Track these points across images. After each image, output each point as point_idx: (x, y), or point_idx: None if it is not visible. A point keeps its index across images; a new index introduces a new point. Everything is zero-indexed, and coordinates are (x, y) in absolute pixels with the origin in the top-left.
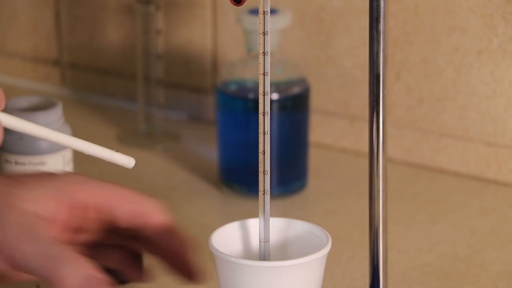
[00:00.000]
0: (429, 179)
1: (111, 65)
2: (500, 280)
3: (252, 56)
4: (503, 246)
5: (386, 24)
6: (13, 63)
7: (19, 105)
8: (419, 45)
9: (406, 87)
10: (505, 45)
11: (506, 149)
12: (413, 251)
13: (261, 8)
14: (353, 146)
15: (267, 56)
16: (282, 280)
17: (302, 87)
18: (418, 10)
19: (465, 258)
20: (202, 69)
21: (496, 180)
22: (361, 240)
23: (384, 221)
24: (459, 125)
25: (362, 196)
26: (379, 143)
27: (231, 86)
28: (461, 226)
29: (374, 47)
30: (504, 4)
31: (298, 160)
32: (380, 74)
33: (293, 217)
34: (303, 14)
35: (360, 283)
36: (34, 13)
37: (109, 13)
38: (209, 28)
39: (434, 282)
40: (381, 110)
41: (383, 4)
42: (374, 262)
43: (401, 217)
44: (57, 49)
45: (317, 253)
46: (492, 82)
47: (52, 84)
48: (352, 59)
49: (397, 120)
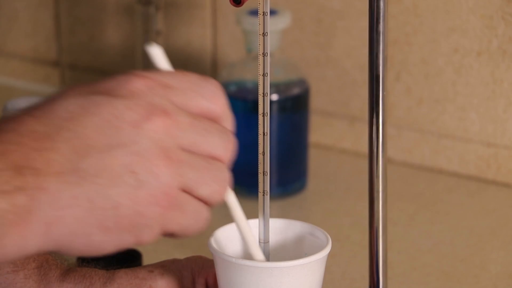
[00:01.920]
0: (429, 179)
1: (111, 66)
2: (500, 280)
3: (252, 57)
4: (503, 247)
5: (386, 25)
6: (13, 64)
7: (19, 106)
8: (418, 46)
9: (405, 88)
10: (505, 46)
11: (505, 150)
12: (413, 252)
13: (260, 9)
14: (352, 146)
15: (267, 57)
16: (282, 281)
17: (301, 88)
18: (418, 10)
19: (465, 259)
20: (201, 70)
21: (496, 181)
22: (361, 241)
23: (384, 221)
24: (458, 125)
25: (362, 197)
26: (378, 143)
27: (231, 87)
28: (461, 227)
29: (373, 48)
30: (504, 5)
31: (297, 160)
32: (380, 74)
33: (293, 217)
34: (302, 15)
35: (360, 283)
36: (34, 14)
37: (109, 14)
38: (209, 29)
39: (434, 282)
40: (381, 110)
41: (382, 5)
42: (374, 262)
43: (401, 217)
44: (56, 50)
45: (317, 254)
46: (491, 83)
47: (52, 85)
48: (351, 60)
49: (396, 120)
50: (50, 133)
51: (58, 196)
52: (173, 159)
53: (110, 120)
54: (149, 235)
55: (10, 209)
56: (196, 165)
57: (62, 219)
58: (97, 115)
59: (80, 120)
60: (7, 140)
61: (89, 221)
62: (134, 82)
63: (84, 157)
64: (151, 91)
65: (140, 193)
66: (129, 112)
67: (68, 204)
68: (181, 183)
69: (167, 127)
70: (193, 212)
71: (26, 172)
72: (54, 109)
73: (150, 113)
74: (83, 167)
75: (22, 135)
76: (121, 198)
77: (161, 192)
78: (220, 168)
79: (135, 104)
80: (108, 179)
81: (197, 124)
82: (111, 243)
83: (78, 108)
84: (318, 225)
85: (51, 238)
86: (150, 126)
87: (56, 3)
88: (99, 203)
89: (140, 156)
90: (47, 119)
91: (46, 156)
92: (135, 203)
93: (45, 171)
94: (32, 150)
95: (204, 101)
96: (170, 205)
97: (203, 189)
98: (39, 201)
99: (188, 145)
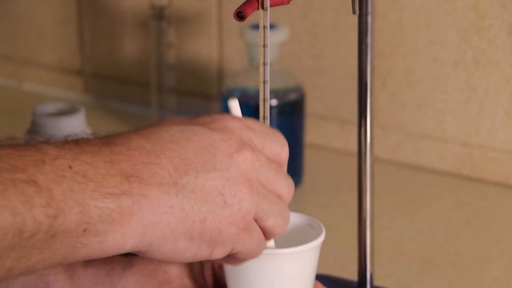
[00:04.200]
0: (411, 176)
1: (128, 75)
2: (473, 265)
3: (254, 67)
4: (476, 236)
5: (373, 38)
6: (41, 73)
7: (46, 111)
8: (402, 57)
9: (390, 94)
10: (479, 57)
11: (479, 149)
12: (396, 240)
13: (261, 23)
14: (343, 146)
15: (267, 66)
16: (283, 266)
17: (298, 94)
18: (401, 25)
19: (443, 246)
20: (209, 78)
21: (470, 177)
22: (351, 230)
23: (371, 213)
24: (437, 127)
25: (351, 191)
26: (366, 143)
27: (235, 93)
28: (439, 218)
29: (362, 58)
30: (478, 20)
31: (294, 159)
32: (367, 82)
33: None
34: (299, 29)
35: (350, 268)
36: (59, 29)
37: (127, 29)
38: (215, 41)
39: (415, 267)
40: (369, 114)
41: (370, 20)
42: (362, 249)
43: (386, 209)
44: (80, 61)
45: (313, 242)
46: (467, 90)
47: (76, 91)
48: (342, 69)
49: (382, 123)
50: (156, 150)
51: (157, 204)
52: (254, 189)
53: (207, 147)
54: (221, 251)
55: (116, 209)
56: (269, 199)
57: (158, 224)
58: (196, 142)
59: (182, 144)
60: (118, 152)
61: (179, 229)
62: (227, 120)
63: (183, 174)
64: (240, 130)
65: (224, 213)
66: (224, 143)
67: (165, 212)
68: (256, 212)
69: (252, 161)
70: (257, 239)
71: (133, 179)
72: (159, 132)
73: (240, 146)
74: (181, 182)
75: (131, 149)
76: (208, 214)
77: (240, 216)
78: (284, 206)
79: (228, 137)
80: (200, 196)
81: (271, 164)
82: (191, 252)
83: (180, 134)
84: (313, 216)
85: (145, 239)
86: (240, 157)
87: (79, 19)
88: (190, 215)
89: (229, 181)
90: (154, 139)
91: (151, 168)
92: (218, 221)
93: (149, 181)
94: (139, 162)
95: (276, 147)
96: (244, 228)
97: (270, 221)
98: (141, 206)
99: (264, 180)
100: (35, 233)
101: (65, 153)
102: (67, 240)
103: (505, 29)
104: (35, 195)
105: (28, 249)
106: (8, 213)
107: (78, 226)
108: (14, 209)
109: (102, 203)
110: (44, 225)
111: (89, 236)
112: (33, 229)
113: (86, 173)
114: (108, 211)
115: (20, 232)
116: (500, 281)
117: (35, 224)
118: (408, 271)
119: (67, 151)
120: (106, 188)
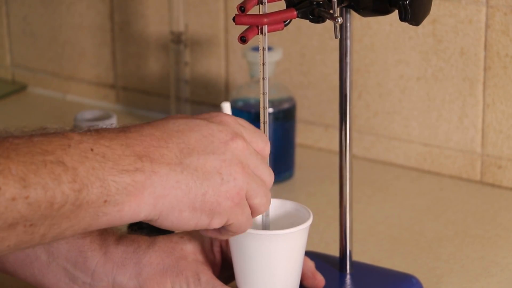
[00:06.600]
0: (382, 170)
1: (151, 88)
2: (433, 243)
3: (254, 81)
4: (435, 219)
5: (351, 58)
6: (81, 86)
7: (85, 117)
8: (374, 73)
9: (365, 104)
10: (437, 74)
11: (437, 148)
12: (370, 223)
13: (261, 45)
14: (327, 146)
15: (266, 81)
16: (278, 244)
17: (290, 103)
18: (374, 48)
19: (408, 228)
20: (218, 90)
21: (430, 171)
22: (333, 215)
23: (350, 201)
24: (403, 131)
25: (334, 183)
26: (346, 144)
27: (239, 103)
28: (405, 205)
29: (342, 75)
30: (436, 44)
31: (287, 156)
32: (347, 94)
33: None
34: (291, 50)
35: (333, 246)
36: (97, 50)
37: (151, 50)
38: (223, 61)
39: (386, 245)
40: (348, 120)
41: (349, 44)
42: (343, 231)
43: (362, 198)
44: (113, 76)
45: (303, 224)
46: (427, 100)
47: (109, 102)
48: (326, 83)
49: (359, 127)
50: (164, 137)
51: (166, 179)
52: (246, 170)
53: (207, 136)
54: (218, 221)
55: (131, 183)
56: (257, 181)
57: (167, 196)
58: (198, 131)
59: (186, 133)
60: (132, 137)
61: (184, 201)
62: (222, 116)
63: (187, 156)
64: (233, 124)
65: (222, 188)
66: (220, 133)
67: (172, 186)
68: (247, 190)
69: (244, 148)
70: (247, 214)
71: (145, 159)
72: (167, 124)
73: (234, 136)
74: (186, 162)
75: (144, 135)
76: (209, 189)
77: (235, 191)
78: (267, 189)
79: (224, 128)
80: (202, 174)
81: (258, 155)
82: (193, 220)
83: (185, 125)
84: (302, 203)
85: (156, 209)
86: (234, 144)
87: (113, 43)
88: (194, 189)
89: (225, 163)
90: (162, 128)
91: (161, 151)
92: (217, 195)
93: (159, 161)
94: (150, 146)
95: (261, 142)
96: (238, 202)
97: (257, 200)
98: (153, 181)
99: (252, 165)
100: (63, 204)
101: (87, 139)
102: (91, 210)
103: (458, 51)
104: (63, 173)
105: (58, 218)
106: (41, 188)
107: (99, 198)
108: (46, 185)
109: (119, 178)
110: (71, 197)
111: (109, 206)
112: (62, 201)
113: (105, 154)
114: (125, 184)
115: (51, 204)
116: (455, 255)
117: (63, 197)
118: (380, 248)
119: (89, 137)
120: (122, 166)
